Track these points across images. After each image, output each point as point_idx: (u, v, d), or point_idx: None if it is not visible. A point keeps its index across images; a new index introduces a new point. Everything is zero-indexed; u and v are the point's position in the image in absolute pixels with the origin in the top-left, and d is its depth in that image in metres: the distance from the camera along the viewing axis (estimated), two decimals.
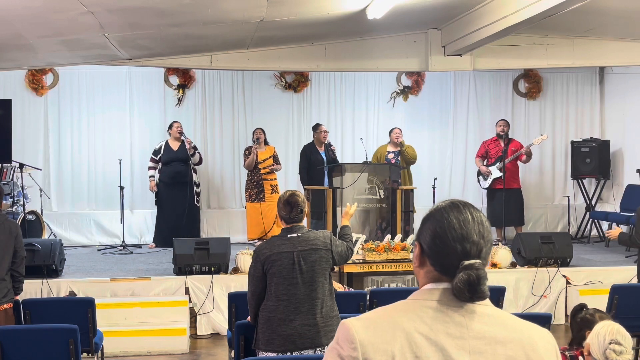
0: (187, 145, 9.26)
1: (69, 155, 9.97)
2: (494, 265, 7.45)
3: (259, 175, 9.21)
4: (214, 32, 7.19)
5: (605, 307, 5.44)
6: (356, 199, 7.77)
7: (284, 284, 3.96)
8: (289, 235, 4.03)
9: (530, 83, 10.85)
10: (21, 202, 8.48)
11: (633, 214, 8.96)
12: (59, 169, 9.97)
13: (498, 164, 9.50)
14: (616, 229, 6.64)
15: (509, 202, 9.49)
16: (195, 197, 9.38)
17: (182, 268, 7.03)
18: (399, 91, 10.64)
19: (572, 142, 10.52)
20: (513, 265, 7.57)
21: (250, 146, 9.31)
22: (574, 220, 10.60)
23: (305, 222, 4.25)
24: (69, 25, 6.13)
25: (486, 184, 9.66)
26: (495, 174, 9.50)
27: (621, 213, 9.46)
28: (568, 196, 10.52)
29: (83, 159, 9.99)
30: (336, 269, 6.73)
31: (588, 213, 10.35)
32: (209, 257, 7.06)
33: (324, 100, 10.53)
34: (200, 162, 9.52)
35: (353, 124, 10.57)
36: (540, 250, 7.51)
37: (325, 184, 8.70)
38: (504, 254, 7.51)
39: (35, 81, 9.73)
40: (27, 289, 6.08)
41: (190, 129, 10.14)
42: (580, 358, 3.37)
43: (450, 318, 1.51)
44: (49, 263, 6.86)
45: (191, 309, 6.89)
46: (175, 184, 9.23)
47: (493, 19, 6.90)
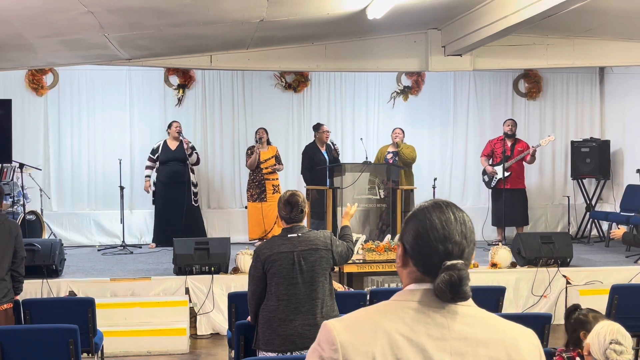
0: (185, 145, 9.25)
1: (69, 155, 9.97)
2: (494, 265, 7.45)
3: (261, 175, 9.21)
4: (214, 32, 7.19)
5: (605, 307, 5.44)
6: (356, 199, 7.77)
7: (284, 284, 3.96)
8: (289, 235, 4.03)
9: (530, 83, 10.85)
10: (21, 202, 8.48)
11: (633, 214, 9.00)
12: (59, 169, 9.97)
13: (505, 164, 9.49)
14: (620, 228, 6.64)
15: (513, 202, 9.49)
16: (193, 197, 9.39)
17: (182, 268, 7.03)
18: (399, 91, 10.64)
19: (572, 142, 10.52)
20: (513, 265, 7.56)
21: (253, 146, 9.30)
22: (574, 220, 10.60)
23: (305, 222, 4.25)
24: (69, 25, 6.13)
25: (492, 184, 9.64)
26: (501, 174, 9.49)
27: (621, 213, 9.46)
28: (568, 196, 10.51)
29: (83, 159, 9.98)
30: (336, 269, 6.73)
31: (588, 213, 10.35)
32: (209, 257, 7.06)
33: (324, 100, 10.53)
34: (197, 163, 9.51)
35: (353, 124, 10.56)
36: (540, 250, 7.51)
37: (328, 184, 8.70)
38: (504, 254, 7.51)
39: (35, 81, 9.73)
40: (27, 289, 6.07)
41: (190, 129, 10.15)
42: (577, 359, 3.37)
43: (431, 319, 1.50)
44: (49, 263, 6.85)
45: (191, 309, 6.89)
46: (173, 184, 9.23)
47: (493, 19, 6.90)
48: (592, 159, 10.25)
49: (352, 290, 6.17)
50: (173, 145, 9.31)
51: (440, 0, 6.95)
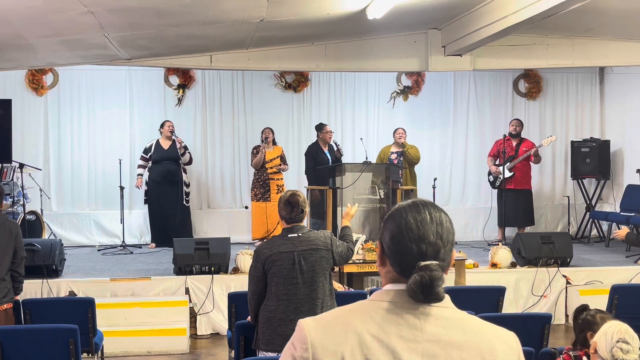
0: (178, 145, 9.26)
1: (69, 155, 9.97)
2: (494, 265, 7.45)
3: (266, 175, 9.21)
4: (214, 32, 7.19)
5: (605, 307, 5.44)
6: (356, 199, 7.77)
7: (284, 283, 3.96)
8: (289, 235, 4.04)
9: (530, 83, 10.85)
10: (21, 202, 8.48)
11: (633, 214, 9.00)
12: (59, 169, 9.97)
13: (508, 164, 9.50)
14: (623, 228, 6.63)
15: (519, 203, 9.49)
16: (184, 197, 9.40)
17: (182, 268, 7.03)
18: (399, 91, 10.64)
19: (572, 142, 10.52)
20: (513, 265, 7.57)
21: (259, 145, 9.29)
22: (574, 220, 10.60)
23: (306, 222, 4.25)
24: (69, 25, 6.13)
25: (496, 184, 9.64)
26: (506, 174, 9.49)
27: (621, 213, 9.46)
28: (568, 196, 10.52)
29: (83, 159, 9.98)
30: (336, 269, 6.73)
31: (588, 213, 10.35)
32: (209, 257, 7.06)
33: (324, 100, 10.53)
34: (190, 162, 9.51)
35: (353, 124, 10.56)
36: (540, 250, 7.51)
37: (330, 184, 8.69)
38: (504, 254, 7.51)
39: (35, 81, 9.73)
40: (27, 289, 6.08)
41: (190, 129, 10.15)
42: (584, 358, 3.37)
43: (404, 320, 1.48)
44: (49, 263, 6.86)
45: (191, 309, 6.89)
46: (166, 183, 9.24)
47: (493, 19, 6.90)
48: (592, 159, 10.25)
49: (352, 290, 6.17)
50: (166, 144, 9.31)
51: (440, 0, 6.95)
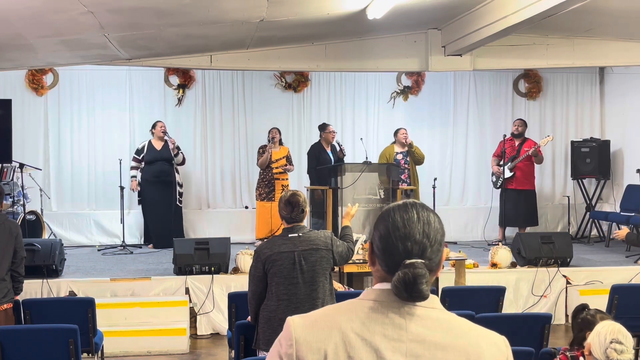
0: (171, 145, 9.26)
1: (69, 155, 9.97)
2: (494, 265, 7.45)
3: (271, 175, 9.21)
4: (214, 32, 7.19)
5: (605, 307, 5.44)
6: (356, 199, 7.77)
7: (284, 283, 3.96)
8: (290, 235, 4.04)
9: (530, 83, 10.85)
10: (21, 202, 8.47)
11: (633, 214, 9.00)
12: (59, 169, 9.97)
13: (509, 164, 9.50)
14: (623, 228, 6.62)
15: (519, 203, 9.49)
16: (178, 197, 9.41)
17: (182, 268, 7.03)
18: (399, 91, 10.64)
19: (572, 142, 10.52)
20: (513, 265, 7.56)
21: (265, 145, 9.29)
22: (574, 220, 10.60)
23: (307, 222, 4.25)
24: (69, 25, 6.13)
25: (498, 184, 9.64)
26: (507, 174, 9.49)
27: (621, 213, 9.46)
28: (568, 196, 10.52)
29: (83, 159, 9.98)
30: (336, 269, 6.73)
31: (588, 213, 10.35)
32: (209, 257, 7.06)
33: (324, 100, 10.53)
34: (183, 163, 9.52)
35: (353, 124, 10.56)
36: (540, 250, 7.51)
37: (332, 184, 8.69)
38: (504, 254, 7.51)
39: (35, 81, 9.73)
40: (27, 289, 6.08)
41: (190, 129, 10.16)
42: (581, 358, 3.37)
43: (389, 319, 1.49)
44: (49, 263, 6.85)
45: (191, 309, 6.89)
46: (160, 183, 9.26)
47: (493, 19, 6.90)
48: (592, 159, 10.25)
49: (352, 290, 6.16)
50: (158, 145, 9.32)
51: (440, 0, 6.95)
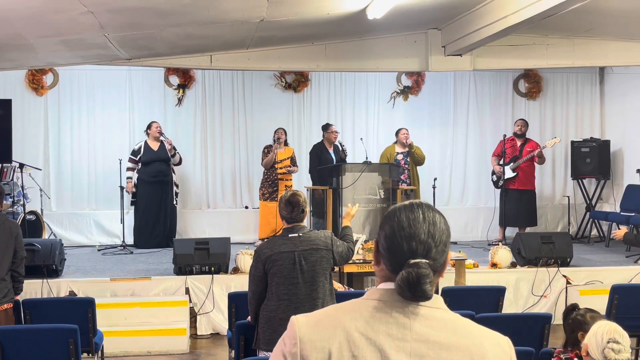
0: (168, 146, 9.26)
1: (69, 155, 9.97)
2: (494, 265, 7.45)
3: (275, 175, 9.21)
4: (214, 32, 7.19)
5: (605, 307, 5.44)
6: (357, 199, 7.77)
7: (284, 283, 3.96)
8: (290, 235, 4.04)
9: (530, 83, 10.85)
10: (21, 202, 8.48)
11: (633, 214, 9.00)
12: (59, 169, 9.97)
13: (512, 164, 9.49)
14: (622, 228, 6.64)
15: (520, 203, 9.49)
16: (174, 198, 9.41)
17: (182, 268, 7.03)
18: (399, 91, 10.64)
19: (572, 142, 10.52)
20: (513, 265, 7.56)
21: (270, 145, 9.28)
22: (574, 220, 10.60)
23: (307, 222, 4.25)
24: (69, 25, 6.13)
25: (499, 184, 9.64)
26: (509, 174, 9.49)
27: (621, 213, 9.46)
28: (568, 196, 10.52)
29: (83, 159, 9.98)
30: (336, 269, 6.73)
31: (588, 213, 10.35)
32: (209, 257, 7.06)
33: (324, 100, 10.53)
34: (180, 163, 9.53)
35: (353, 124, 10.56)
36: (540, 250, 7.51)
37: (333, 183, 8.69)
38: (504, 254, 7.51)
39: (35, 81, 9.73)
40: (27, 289, 6.08)
41: (190, 129, 10.16)
42: (575, 359, 3.36)
43: (393, 319, 1.49)
44: (49, 263, 6.85)
45: (191, 309, 6.89)
46: (157, 183, 9.26)
47: (493, 19, 6.90)
48: (592, 159, 10.25)
49: (352, 290, 6.17)
50: (154, 145, 9.32)
51: (440, 0, 6.95)
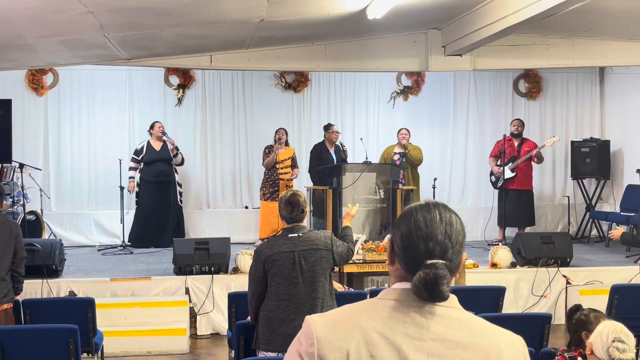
0: (170, 146, 9.26)
1: (69, 155, 9.97)
2: (494, 265, 7.45)
3: (276, 175, 9.21)
4: (214, 32, 7.19)
5: (605, 307, 5.44)
6: (356, 199, 7.77)
7: (284, 283, 3.96)
8: (290, 235, 4.04)
9: (530, 83, 10.85)
10: (21, 202, 8.47)
11: (633, 214, 8.99)
12: (59, 169, 9.97)
13: (510, 164, 9.49)
14: (618, 228, 6.64)
15: (520, 203, 9.49)
16: (178, 197, 9.41)
17: (182, 268, 7.03)
18: (399, 91, 10.64)
19: (572, 142, 10.52)
20: (513, 265, 7.56)
21: (271, 145, 9.28)
22: (574, 220, 10.60)
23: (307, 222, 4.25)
24: (69, 25, 6.13)
25: (498, 184, 9.64)
26: (507, 174, 9.49)
27: (621, 213, 9.46)
28: (568, 196, 10.52)
29: (83, 159, 9.98)
30: (336, 269, 6.73)
31: (588, 213, 10.35)
32: (209, 257, 7.06)
33: (324, 100, 10.53)
34: (182, 163, 9.53)
35: (353, 124, 10.57)
36: (540, 250, 7.51)
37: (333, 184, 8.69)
38: (504, 254, 7.51)
39: (35, 81, 9.73)
40: (27, 289, 6.08)
41: (190, 129, 10.16)
42: (579, 359, 3.37)
43: (410, 318, 1.49)
44: (49, 263, 6.85)
45: (191, 309, 6.89)
46: (159, 183, 9.27)
47: (493, 19, 6.90)
48: (592, 159, 10.25)
49: (352, 290, 6.17)
50: (157, 145, 9.32)
51: (440, 0, 6.95)
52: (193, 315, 6.90)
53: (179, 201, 9.46)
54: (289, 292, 3.95)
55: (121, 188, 9.03)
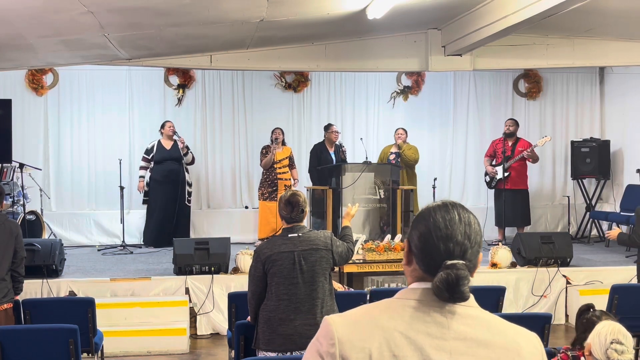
0: (180, 145, 9.26)
1: (69, 155, 9.97)
2: (494, 265, 7.45)
3: (274, 175, 9.22)
4: (214, 32, 7.19)
5: (605, 307, 5.44)
6: (356, 199, 7.77)
7: (284, 283, 3.96)
8: (289, 235, 4.03)
9: (530, 83, 10.85)
10: (21, 202, 8.47)
11: (633, 214, 8.99)
12: (59, 169, 9.97)
13: (504, 164, 9.49)
14: (615, 229, 6.63)
15: (515, 203, 9.48)
16: (187, 197, 9.41)
17: (182, 268, 7.03)
18: (399, 91, 10.64)
19: (572, 142, 10.52)
20: (513, 265, 7.56)
21: (268, 145, 9.29)
22: (574, 220, 10.60)
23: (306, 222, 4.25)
24: (69, 25, 6.13)
25: (492, 184, 9.64)
26: (501, 174, 9.48)
27: (621, 213, 9.46)
28: (568, 196, 10.52)
29: (83, 159, 9.99)
30: (336, 269, 6.73)
31: (588, 213, 10.35)
32: (209, 257, 7.06)
33: (324, 100, 10.53)
34: (192, 162, 9.53)
35: (353, 124, 10.57)
36: (540, 250, 7.51)
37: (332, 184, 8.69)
38: (504, 254, 7.51)
39: (35, 81, 9.74)
40: (27, 289, 6.08)
41: (190, 129, 10.16)
42: (582, 358, 3.35)
43: (431, 318, 1.50)
44: (49, 263, 6.85)
45: (191, 309, 6.89)
46: (168, 183, 9.26)
47: (493, 19, 6.90)
48: (592, 159, 10.25)
49: (352, 290, 6.17)
50: (168, 144, 9.32)
51: (440, 0, 6.95)
52: (193, 315, 6.90)
53: (187, 201, 9.45)
54: (288, 292, 3.95)
55: (121, 188, 9.04)
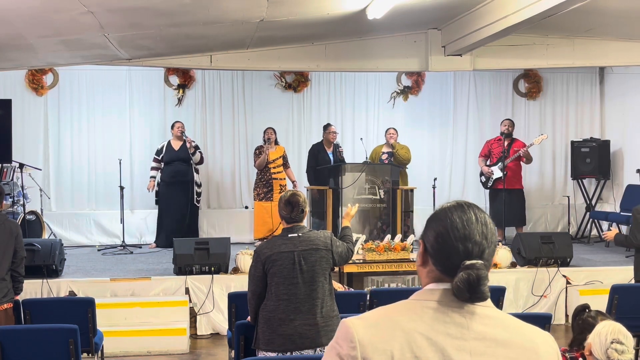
0: (188, 145, 9.27)
1: (69, 155, 9.97)
2: (494, 265, 7.45)
3: (269, 175, 9.21)
4: (214, 32, 7.19)
5: (605, 307, 5.44)
6: (356, 199, 7.77)
7: (284, 283, 3.96)
8: (289, 235, 4.03)
9: (530, 83, 10.86)
10: (21, 202, 8.48)
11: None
12: (59, 169, 9.97)
13: (500, 164, 9.49)
14: (612, 230, 6.65)
15: (511, 203, 9.48)
16: (195, 197, 9.40)
17: (182, 268, 7.03)
18: (399, 91, 10.64)
19: (572, 142, 10.52)
20: (513, 265, 7.57)
21: (261, 146, 9.29)
22: (574, 220, 10.60)
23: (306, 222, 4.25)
24: (69, 25, 6.13)
25: (488, 184, 9.64)
26: (497, 174, 9.49)
27: (621, 213, 9.46)
28: (568, 196, 10.52)
29: (83, 159, 9.99)
30: (336, 269, 6.73)
31: (588, 213, 10.35)
32: (209, 257, 7.06)
33: (324, 100, 10.53)
34: (201, 162, 9.53)
35: (353, 124, 10.57)
36: (540, 250, 7.51)
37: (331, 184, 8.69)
38: (504, 254, 7.51)
39: (35, 81, 9.74)
40: (27, 289, 6.08)
41: (190, 129, 10.14)
42: (580, 359, 3.35)
43: (450, 318, 1.50)
44: (49, 263, 6.86)
45: (191, 309, 6.89)
46: (176, 183, 9.25)
47: (493, 19, 6.90)
48: (592, 159, 10.25)
49: (352, 290, 6.17)
50: (176, 145, 9.33)
51: (440, 0, 6.95)
52: (193, 315, 6.91)
53: (196, 201, 9.44)
54: (288, 292, 3.95)
55: (121, 188, 9.04)
